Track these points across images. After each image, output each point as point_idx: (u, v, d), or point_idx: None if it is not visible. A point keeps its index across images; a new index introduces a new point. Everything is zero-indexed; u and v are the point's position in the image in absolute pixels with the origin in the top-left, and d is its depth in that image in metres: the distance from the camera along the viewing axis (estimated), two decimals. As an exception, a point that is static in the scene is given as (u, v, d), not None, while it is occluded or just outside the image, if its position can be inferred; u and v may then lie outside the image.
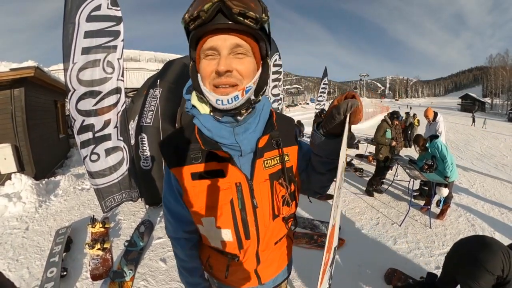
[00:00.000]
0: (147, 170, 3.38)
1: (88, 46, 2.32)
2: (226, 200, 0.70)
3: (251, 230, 0.74)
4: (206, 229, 0.75)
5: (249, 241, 0.75)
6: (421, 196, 4.01)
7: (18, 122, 4.95)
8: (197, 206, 0.72)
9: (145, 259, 2.58)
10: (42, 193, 4.26)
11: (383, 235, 3.04)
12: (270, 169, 0.74)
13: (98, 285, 2.24)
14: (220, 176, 0.69)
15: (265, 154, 0.73)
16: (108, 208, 2.91)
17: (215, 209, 0.71)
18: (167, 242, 2.84)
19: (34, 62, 4.91)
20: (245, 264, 0.81)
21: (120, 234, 3.04)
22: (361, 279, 2.31)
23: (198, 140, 0.68)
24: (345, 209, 3.78)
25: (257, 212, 0.73)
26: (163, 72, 3.82)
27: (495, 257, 1.49)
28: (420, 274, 2.29)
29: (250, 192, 0.71)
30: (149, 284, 2.25)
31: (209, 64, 0.60)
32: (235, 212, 0.71)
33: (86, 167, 2.69)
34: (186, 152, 0.70)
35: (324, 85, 9.96)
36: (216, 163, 0.69)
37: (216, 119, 0.67)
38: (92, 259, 2.50)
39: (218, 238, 0.75)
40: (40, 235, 3.04)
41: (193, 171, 0.70)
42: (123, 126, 2.67)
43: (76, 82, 2.30)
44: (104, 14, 2.36)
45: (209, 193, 0.70)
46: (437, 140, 3.43)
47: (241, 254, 0.78)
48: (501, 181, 5.59)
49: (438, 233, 3.07)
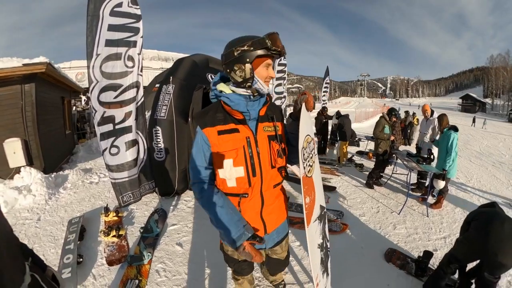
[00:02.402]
0: (161, 162, 3.53)
1: (111, 39, 2.45)
2: (240, 147, 1.10)
3: (257, 170, 1.13)
4: (226, 170, 1.11)
5: (255, 179, 1.13)
6: (418, 189, 4.20)
7: (28, 117, 5.03)
8: (221, 152, 1.09)
9: (161, 244, 2.66)
10: (51, 186, 4.31)
11: (383, 222, 3.23)
12: (267, 132, 1.17)
13: (115, 270, 2.28)
14: (236, 132, 1.10)
15: (264, 123, 1.16)
16: (126, 203, 2.97)
17: (233, 153, 1.09)
18: (182, 228, 3.00)
19: (45, 58, 5.05)
20: (252, 202, 1.16)
21: (134, 223, 3.09)
22: (364, 257, 2.49)
23: (225, 108, 1.11)
24: (346, 199, 3.97)
25: (260, 158, 1.13)
26: (175, 69, 3.99)
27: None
28: (417, 255, 2.44)
29: (255, 143, 1.12)
30: (166, 267, 2.33)
31: (267, 71, 1.10)
32: (246, 155, 1.11)
33: (105, 161, 2.76)
34: (214, 118, 1.11)
35: (326, 84, 10.12)
36: (234, 124, 1.11)
37: (237, 94, 1.10)
38: (108, 246, 2.54)
39: (233, 175, 1.11)
40: (52, 225, 3.10)
41: (219, 129, 1.10)
42: (141, 119, 2.79)
43: (99, 74, 2.43)
44: (125, 11, 2.51)
45: (229, 143, 1.10)
46: (454, 131, 3.46)
47: (249, 191, 1.14)
48: (497, 177, 5.75)
49: (435, 221, 3.25)
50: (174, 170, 3.58)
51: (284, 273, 2.13)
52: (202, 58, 4.49)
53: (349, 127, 6.61)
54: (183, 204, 3.60)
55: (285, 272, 2.20)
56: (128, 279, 2.14)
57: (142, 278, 2.17)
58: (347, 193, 4.22)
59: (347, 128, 6.45)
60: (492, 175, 5.97)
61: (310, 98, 1.22)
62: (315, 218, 1.27)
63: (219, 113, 1.12)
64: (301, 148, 1.11)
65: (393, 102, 78.17)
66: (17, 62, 4.79)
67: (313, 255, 1.20)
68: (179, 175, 3.60)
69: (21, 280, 0.75)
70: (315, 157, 1.34)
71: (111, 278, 2.19)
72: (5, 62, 4.75)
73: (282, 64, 6.09)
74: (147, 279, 2.17)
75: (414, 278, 2.21)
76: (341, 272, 2.22)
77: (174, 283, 2.12)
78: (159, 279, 2.17)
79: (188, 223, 3.11)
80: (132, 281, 2.11)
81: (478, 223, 1.79)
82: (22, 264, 0.81)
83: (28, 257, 0.86)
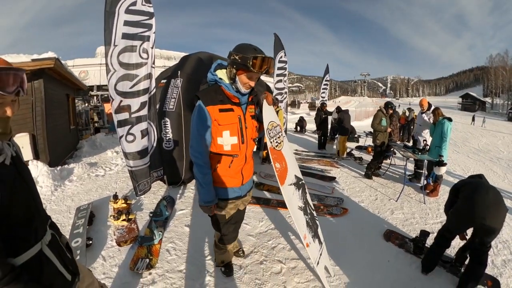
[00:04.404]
0: (170, 151, 3.69)
1: (127, 33, 2.61)
2: (235, 121, 1.52)
3: (245, 139, 1.58)
4: (224, 138, 1.51)
5: (243, 145, 1.58)
6: (416, 178, 4.35)
7: (38, 111, 5.13)
8: (222, 125, 1.48)
9: (171, 226, 2.78)
10: (57, 178, 4.36)
11: (382, 208, 3.37)
12: (251, 113, 1.62)
13: (125, 251, 2.31)
14: (231, 111, 1.50)
15: (250, 106, 1.61)
16: (141, 191, 3.05)
17: (230, 126, 1.50)
18: (190, 212, 3.14)
19: (53, 53, 5.17)
20: (239, 160, 1.59)
21: (143, 209, 3.18)
22: (364, 237, 2.64)
23: (225, 93, 1.50)
24: (346, 188, 4.12)
25: (247, 131, 1.58)
26: (182, 65, 4.20)
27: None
28: (415, 235, 2.56)
29: (244, 120, 1.56)
30: (176, 246, 2.43)
31: (247, 80, 1.44)
32: (238, 128, 1.53)
33: (122, 148, 2.89)
34: (215, 99, 1.47)
35: (326, 82, 10.25)
36: (231, 105, 1.50)
37: (236, 90, 1.49)
38: (117, 229, 2.58)
39: (230, 143, 1.53)
40: (59, 214, 3.13)
41: (220, 108, 1.47)
42: (152, 109, 2.95)
43: (116, 63, 2.57)
44: (139, 9, 2.69)
45: (228, 119, 1.49)
46: (448, 121, 3.67)
47: (239, 153, 1.57)
48: (494, 171, 5.88)
49: (432, 208, 3.39)
50: (181, 159, 3.73)
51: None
52: (207, 56, 4.70)
53: (348, 121, 6.75)
54: (190, 192, 3.73)
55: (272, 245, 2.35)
56: (139, 259, 2.19)
57: (153, 257, 2.24)
58: (346, 183, 4.37)
59: (346, 123, 6.59)
60: (489, 169, 6.10)
61: (269, 96, 1.73)
62: (290, 183, 1.80)
63: (219, 95, 1.48)
64: (266, 129, 1.67)
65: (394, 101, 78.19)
66: (26, 57, 4.92)
67: (295, 214, 1.70)
68: (186, 165, 3.75)
69: (43, 233, 0.89)
70: (283, 137, 1.89)
71: (121, 258, 2.24)
72: (14, 57, 4.88)
73: (282, 61, 6.21)
74: (157, 257, 2.24)
75: (412, 256, 2.34)
76: (342, 249, 2.38)
77: (184, 261, 2.23)
78: (169, 257, 2.26)
79: (196, 208, 3.24)
80: (143, 260, 2.17)
81: (466, 193, 1.95)
82: (45, 221, 0.96)
83: (48, 219, 1.01)
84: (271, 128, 1.73)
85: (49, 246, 0.89)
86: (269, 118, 1.72)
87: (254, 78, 1.44)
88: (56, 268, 0.89)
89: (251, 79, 1.43)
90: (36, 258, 0.82)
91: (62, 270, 0.91)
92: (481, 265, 1.87)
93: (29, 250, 0.80)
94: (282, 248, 2.43)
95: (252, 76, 1.42)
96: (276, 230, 2.72)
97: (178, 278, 2.02)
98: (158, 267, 2.14)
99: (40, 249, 0.84)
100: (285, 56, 6.31)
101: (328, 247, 2.14)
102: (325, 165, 5.49)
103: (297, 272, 2.10)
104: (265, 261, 2.23)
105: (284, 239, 2.56)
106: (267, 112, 1.70)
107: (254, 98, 1.64)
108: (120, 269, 2.11)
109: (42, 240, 0.86)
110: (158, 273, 2.07)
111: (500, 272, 2.19)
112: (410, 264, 2.25)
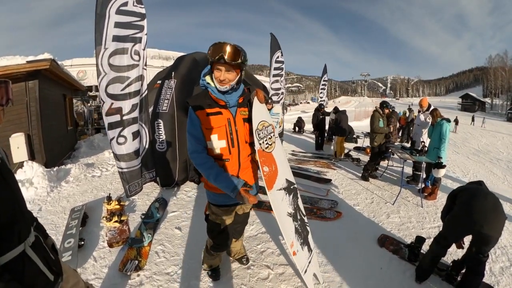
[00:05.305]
0: (163, 152, 3.65)
1: (117, 35, 2.57)
2: (223, 125, 1.48)
3: (235, 143, 1.52)
4: (213, 142, 1.48)
5: (234, 149, 1.52)
6: (413, 181, 4.29)
7: (32, 112, 5.11)
8: (209, 129, 1.47)
9: (161, 228, 2.77)
10: (53, 179, 4.33)
11: (377, 211, 3.31)
12: (243, 115, 1.54)
13: (116, 252, 2.34)
14: (219, 114, 1.48)
15: (242, 108, 1.54)
16: (132, 193, 3.04)
17: (217, 129, 1.47)
18: (182, 215, 3.10)
19: (49, 54, 5.15)
20: (232, 165, 1.53)
21: (136, 211, 3.18)
22: (357, 242, 2.58)
23: (211, 97, 1.48)
24: (341, 190, 4.06)
25: (238, 134, 1.52)
26: (176, 66, 4.17)
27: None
28: (411, 241, 2.49)
29: (234, 123, 1.51)
30: (166, 248, 2.42)
31: (218, 74, 1.40)
32: (227, 131, 1.49)
33: (112, 150, 2.86)
34: (204, 103, 1.47)
35: (324, 82, 10.21)
36: (219, 108, 1.48)
37: (217, 90, 1.44)
38: (109, 230, 2.56)
39: (218, 146, 1.49)
40: (54, 214, 3.13)
41: (208, 112, 1.46)
42: (144, 111, 2.92)
43: (107, 66, 2.54)
44: (130, 10, 2.64)
45: (215, 122, 1.47)
46: (447, 122, 3.65)
47: (230, 157, 1.52)
48: (494, 172, 5.84)
49: (430, 212, 3.32)
50: (175, 161, 3.69)
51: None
52: (203, 56, 4.64)
53: (346, 122, 6.70)
54: (183, 194, 3.70)
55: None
56: (128, 260, 2.21)
57: (142, 258, 2.25)
58: (342, 185, 4.31)
59: (344, 124, 6.55)
60: (489, 170, 6.06)
61: (260, 93, 1.61)
62: (280, 187, 1.70)
63: (207, 99, 1.49)
64: (255, 129, 1.54)
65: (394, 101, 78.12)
66: (21, 59, 4.90)
67: (282, 220, 1.60)
68: (180, 166, 3.71)
69: (27, 235, 0.91)
70: (275, 138, 1.75)
71: (111, 259, 2.27)
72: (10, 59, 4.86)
73: (279, 61, 6.15)
74: (146, 259, 2.26)
75: (406, 263, 2.27)
76: (334, 255, 2.32)
77: (172, 263, 2.22)
78: (158, 260, 2.27)
79: (188, 210, 3.21)
80: (132, 262, 2.19)
81: (463, 198, 1.87)
82: (29, 223, 0.99)
83: (33, 221, 1.03)
84: (262, 128, 1.60)
85: (32, 247, 0.91)
86: (260, 117, 1.58)
87: (222, 70, 1.38)
88: (38, 268, 0.91)
89: (219, 71, 1.38)
90: (19, 259, 0.84)
91: (45, 270, 0.93)
92: (478, 275, 1.79)
93: (11, 251, 0.82)
94: (271, 252, 2.38)
95: (219, 68, 1.38)
96: (266, 234, 2.68)
97: (165, 281, 2.03)
98: (146, 269, 2.15)
99: (23, 250, 0.86)
100: (282, 56, 6.26)
101: (319, 253, 2.10)
102: (321, 166, 5.44)
103: (284, 279, 2.05)
104: (252, 266, 2.19)
105: (274, 244, 2.51)
106: (258, 111, 1.58)
107: (244, 99, 1.54)
108: (110, 270, 2.14)
109: (26, 242, 0.89)
110: (146, 275, 2.08)
111: (498, 280, 2.11)
112: (404, 271, 2.18)
